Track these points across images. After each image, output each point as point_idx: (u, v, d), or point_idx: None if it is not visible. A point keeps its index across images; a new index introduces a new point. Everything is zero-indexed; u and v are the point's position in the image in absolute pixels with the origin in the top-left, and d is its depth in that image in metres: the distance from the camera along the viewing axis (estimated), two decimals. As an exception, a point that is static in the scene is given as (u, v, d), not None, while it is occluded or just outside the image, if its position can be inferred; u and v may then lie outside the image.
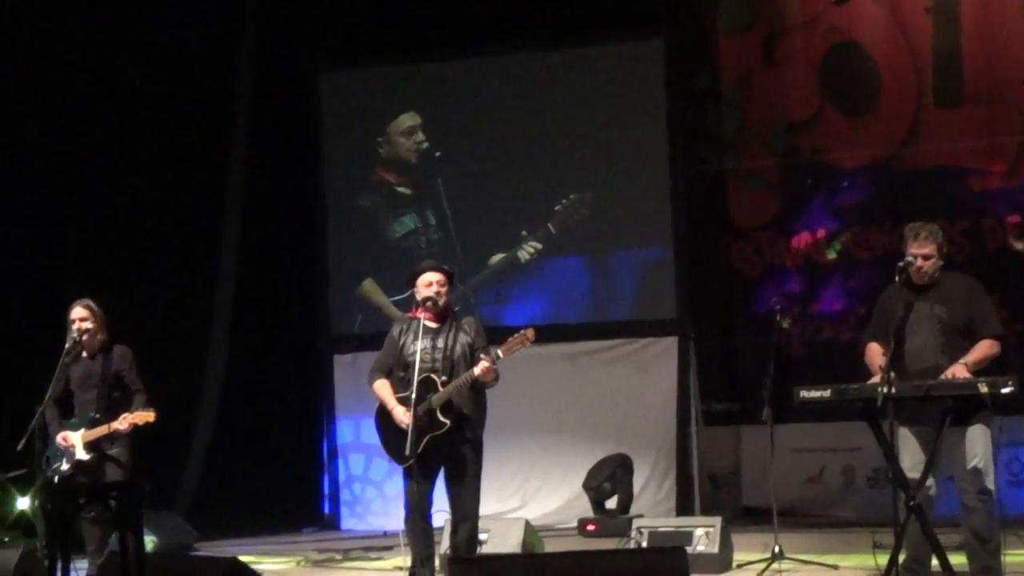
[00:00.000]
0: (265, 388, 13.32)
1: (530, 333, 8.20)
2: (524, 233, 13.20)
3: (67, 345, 9.30)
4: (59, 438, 9.22)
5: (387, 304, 13.38)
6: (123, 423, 9.07)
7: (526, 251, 13.20)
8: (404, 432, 8.15)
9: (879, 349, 7.91)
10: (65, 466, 9.18)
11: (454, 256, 12.92)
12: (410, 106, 13.60)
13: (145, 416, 9.08)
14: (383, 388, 8.48)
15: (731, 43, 13.32)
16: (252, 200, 13.73)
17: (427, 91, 13.61)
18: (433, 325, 8.42)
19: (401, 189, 13.61)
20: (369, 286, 13.62)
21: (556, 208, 13.10)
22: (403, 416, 8.21)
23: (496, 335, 8.55)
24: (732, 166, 13.35)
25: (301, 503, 13.63)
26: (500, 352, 8.17)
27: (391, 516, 11.97)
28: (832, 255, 12.88)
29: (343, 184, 13.77)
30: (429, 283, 8.45)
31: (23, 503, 9.66)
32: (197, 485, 13.29)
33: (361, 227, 13.68)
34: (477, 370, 8.16)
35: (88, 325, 9.30)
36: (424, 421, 8.17)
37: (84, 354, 9.36)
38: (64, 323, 9.35)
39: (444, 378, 8.25)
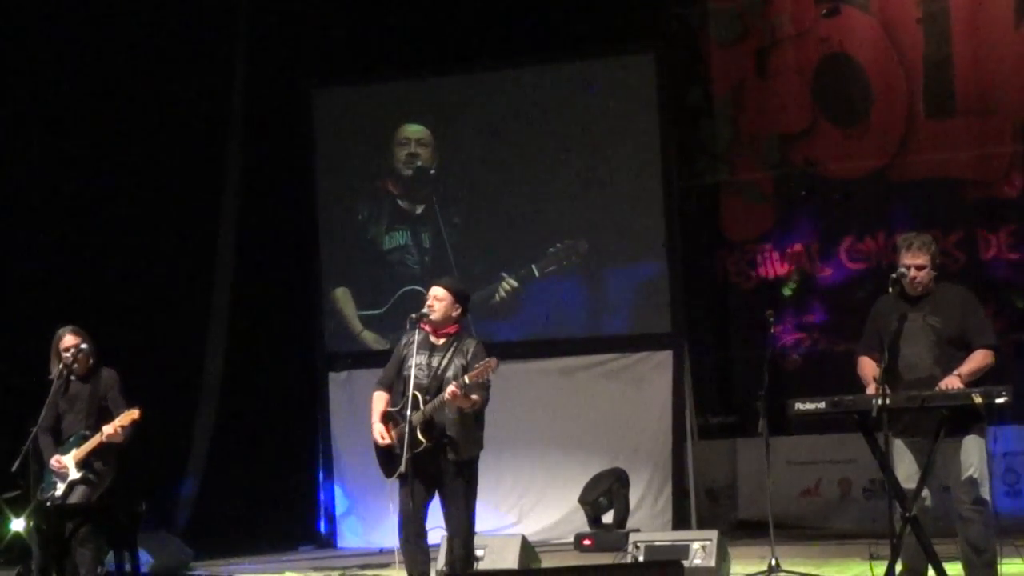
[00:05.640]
0: (260, 406, 13.28)
1: (493, 362, 8.15)
2: (503, 274, 13.17)
3: (55, 371, 9.33)
4: (52, 461, 9.23)
5: (351, 316, 13.46)
6: (112, 429, 9.07)
7: (503, 291, 13.16)
8: (393, 446, 8.21)
9: (871, 362, 7.91)
10: (60, 490, 9.18)
11: (450, 276, 12.89)
12: (405, 120, 13.59)
13: (129, 415, 9.09)
14: (375, 401, 8.52)
15: (723, 56, 13.34)
16: (247, 218, 13.72)
17: (418, 106, 13.59)
18: (435, 341, 8.43)
19: (402, 202, 13.59)
20: (340, 294, 13.63)
21: (550, 250, 13.07)
22: (377, 435, 8.32)
23: (492, 350, 8.52)
24: (725, 179, 13.38)
25: (297, 521, 13.60)
26: (467, 379, 8.16)
27: (387, 533, 11.95)
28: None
29: (338, 203, 13.74)
30: (427, 297, 8.47)
31: (18, 524, 9.62)
32: (193, 505, 13.25)
33: (352, 239, 13.67)
34: (446, 394, 8.14)
35: (84, 347, 9.32)
36: (409, 438, 8.17)
37: (73, 378, 9.36)
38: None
39: (428, 397, 8.24)
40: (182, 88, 13.30)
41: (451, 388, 8.12)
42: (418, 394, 8.22)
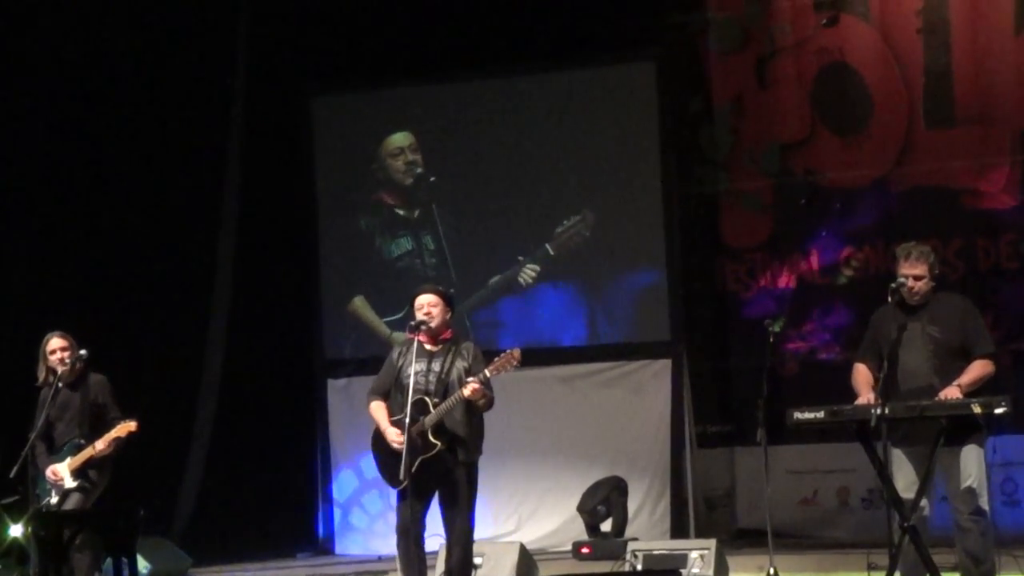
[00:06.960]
0: (259, 413, 13.28)
1: (516, 353, 8.22)
2: (521, 258, 13.18)
3: (42, 378, 9.33)
4: (48, 472, 9.22)
5: (376, 321, 13.43)
6: (103, 443, 9.07)
7: (526, 275, 13.16)
8: (398, 454, 8.19)
9: (865, 370, 7.93)
10: (55, 499, 9.17)
11: (449, 280, 12.90)
12: (402, 128, 13.59)
13: (125, 427, 9.08)
14: (378, 410, 8.51)
15: (723, 65, 13.33)
16: (246, 224, 13.72)
17: (420, 114, 13.59)
18: (431, 348, 8.46)
19: (400, 211, 13.60)
20: (359, 303, 13.61)
21: (557, 230, 13.08)
22: (395, 437, 8.26)
23: (490, 357, 8.53)
24: (725, 187, 13.35)
25: (295, 528, 13.58)
26: (487, 372, 8.18)
27: (386, 540, 11.93)
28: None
29: (338, 209, 13.73)
30: (420, 306, 8.49)
31: (16, 530, 9.63)
32: (191, 511, 13.24)
33: (356, 250, 13.65)
34: (466, 391, 8.17)
35: (82, 352, 9.32)
36: (417, 443, 8.18)
37: (61, 385, 9.34)
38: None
39: (436, 400, 8.26)
40: (182, 92, 13.32)
41: (472, 384, 8.13)
42: (426, 399, 8.25)
